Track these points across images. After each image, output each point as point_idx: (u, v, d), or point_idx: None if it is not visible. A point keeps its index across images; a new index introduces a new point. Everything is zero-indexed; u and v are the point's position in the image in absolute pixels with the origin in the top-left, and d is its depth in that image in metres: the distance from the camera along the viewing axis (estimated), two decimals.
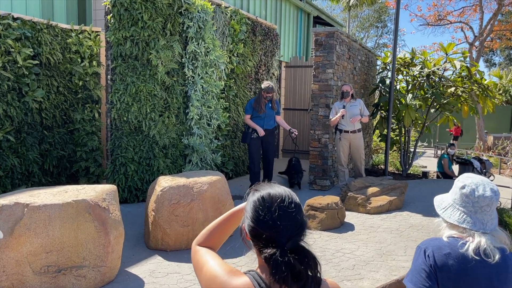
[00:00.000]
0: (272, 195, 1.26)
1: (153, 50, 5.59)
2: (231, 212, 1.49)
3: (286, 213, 1.24)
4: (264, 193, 1.28)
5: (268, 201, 1.25)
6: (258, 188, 1.33)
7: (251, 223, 1.25)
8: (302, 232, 1.26)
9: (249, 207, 1.28)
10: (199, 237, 1.50)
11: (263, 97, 6.19)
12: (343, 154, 6.79)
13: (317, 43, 6.75)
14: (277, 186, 1.34)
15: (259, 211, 1.23)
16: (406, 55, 8.67)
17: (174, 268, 3.58)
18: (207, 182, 4.17)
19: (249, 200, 1.31)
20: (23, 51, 5.46)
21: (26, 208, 2.93)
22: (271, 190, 1.28)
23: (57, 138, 6.05)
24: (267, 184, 1.36)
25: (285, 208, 1.24)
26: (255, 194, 1.30)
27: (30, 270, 2.92)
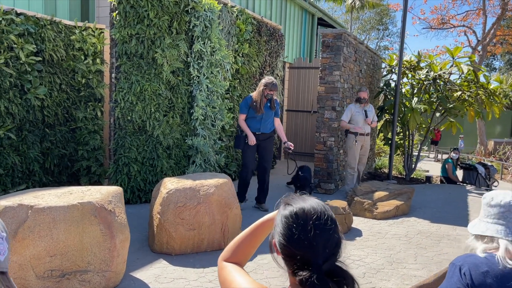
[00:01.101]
0: (306, 211, 1.16)
1: (158, 48, 5.49)
2: (258, 223, 1.40)
3: (323, 232, 1.14)
4: (297, 208, 1.17)
5: (302, 218, 1.15)
6: (290, 201, 1.23)
7: (283, 241, 1.15)
8: (339, 250, 1.17)
9: (280, 223, 1.18)
10: (225, 252, 1.41)
11: (263, 95, 5.34)
12: (355, 157, 6.71)
13: (324, 44, 6.66)
14: (310, 198, 1.24)
15: (292, 229, 1.13)
16: (412, 58, 8.59)
17: (180, 274, 3.48)
18: (213, 185, 4.08)
19: (280, 213, 1.21)
20: (26, 47, 5.35)
21: (30, 210, 2.82)
22: (304, 205, 1.18)
23: (58, 137, 5.94)
24: (299, 196, 1.26)
25: (322, 225, 1.14)
26: (286, 208, 1.20)
27: (33, 274, 2.81)
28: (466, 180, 9.03)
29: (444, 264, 3.87)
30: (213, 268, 3.62)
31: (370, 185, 6.07)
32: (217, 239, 4.04)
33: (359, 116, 6.59)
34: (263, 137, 5.51)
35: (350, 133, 6.61)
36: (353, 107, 6.54)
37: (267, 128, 5.54)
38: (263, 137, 5.51)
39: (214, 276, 3.47)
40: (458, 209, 6.02)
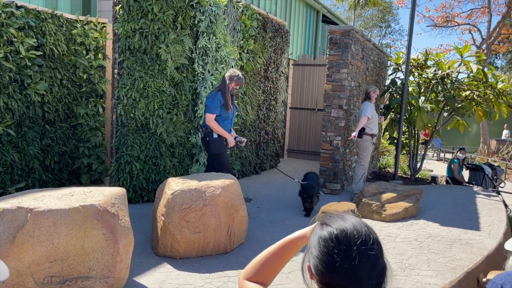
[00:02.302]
0: (349, 234, 1.01)
1: (162, 44, 5.33)
2: (287, 241, 1.25)
3: (368, 258, 0.99)
4: (338, 230, 1.02)
5: (344, 242, 0.99)
6: (328, 220, 1.08)
7: (322, 268, 1.00)
8: (385, 280, 1.02)
9: (317, 245, 1.03)
10: (248, 270, 1.26)
11: (228, 90, 4.84)
12: (369, 158, 6.60)
13: (331, 41, 6.50)
14: (349, 217, 1.09)
15: (333, 255, 0.98)
16: (419, 56, 8.43)
17: (185, 279, 3.35)
18: (220, 186, 3.93)
19: (316, 234, 1.07)
20: (26, 41, 5.19)
21: (30, 213, 2.68)
22: (345, 225, 1.03)
23: (59, 133, 5.79)
24: (337, 214, 1.12)
25: (367, 251, 0.99)
26: (324, 229, 1.05)
27: (32, 281, 2.68)
28: (473, 181, 8.90)
29: (459, 271, 3.74)
30: (219, 274, 3.49)
31: (378, 186, 5.93)
32: (223, 243, 3.91)
33: (376, 115, 6.48)
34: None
35: (367, 134, 6.43)
36: (372, 106, 6.39)
37: (231, 127, 5.15)
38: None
39: (221, 282, 3.34)
40: (467, 211, 5.88)
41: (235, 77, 4.84)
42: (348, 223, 1.04)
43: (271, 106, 8.21)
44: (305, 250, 1.12)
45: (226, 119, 4.93)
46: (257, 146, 7.87)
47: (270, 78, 8.00)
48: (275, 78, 8.20)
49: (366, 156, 6.54)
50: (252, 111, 7.50)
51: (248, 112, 7.35)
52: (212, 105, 4.80)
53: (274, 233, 4.63)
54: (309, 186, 5.57)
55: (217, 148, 4.90)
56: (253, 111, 7.53)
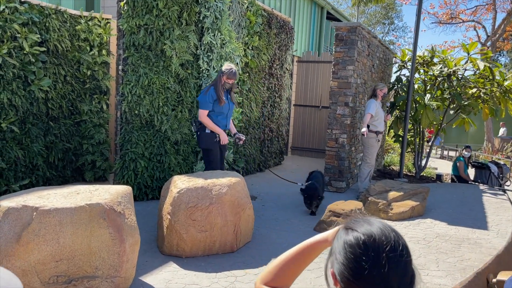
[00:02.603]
0: (377, 240, 0.95)
1: (167, 40, 5.27)
2: (307, 244, 1.20)
3: (398, 265, 0.94)
4: (365, 235, 0.96)
5: (373, 248, 0.94)
6: (352, 224, 1.03)
7: (348, 275, 0.94)
8: (414, 287, 0.97)
9: (342, 251, 0.98)
10: (266, 275, 1.21)
11: (220, 83, 4.75)
12: (374, 156, 6.54)
13: (337, 38, 6.43)
14: (375, 220, 1.04)
15: (361, 262, 0.93)
16: (425, 53, 8.35)
17: (191, 279, 3.30)
18: (226, 184, 3.89)
19: (340, 239, 1.01)
20: (30, 37, 5.14)
21: (35, 212, 2.64)
22: (373, 230, 0.98)
23: (63, 130, 5.75)
24: (362, 218, 1.06)
25: (397, 258, 0.94)
26: (349, 234, 0.99)
27: (38, 281, 2.63)
28: (478, 179, 8.83)
29: (468, 271, 3.69)
30: (225, 273, 3.44)
31: (384, 185, 5.87)
32: (229, 241, 3.86)
33: (381, 112, 6.41)
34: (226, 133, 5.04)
35: (371, 131, 6.37)
36: (378, 104, 6.33)
37: (228, 124, 5.06)
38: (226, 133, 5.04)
39: (228, 282, 3.29)
40: (474, 210, 5.82)
41: (227, 70, 4.74)
42: (375, 227, 0.99)
43: (275, 103, 8.16)
44: (328, 254, 1.07)
45: (220, 114, 4.83)
46: (261, 143, 7.82)
47: (274, 75, 7.94)
48: (279, 75, 8.14)
49: (371, 154, 6.48)
50: (257, 108, 7.45)
51: (252, 109, 7.29)
52: (203, 100, 4.73)
53: (280, 232, 4.58)
54: (310, 187, 5.37)
55: (207, 143, 4.83)
56: (257, 108, 7.47)
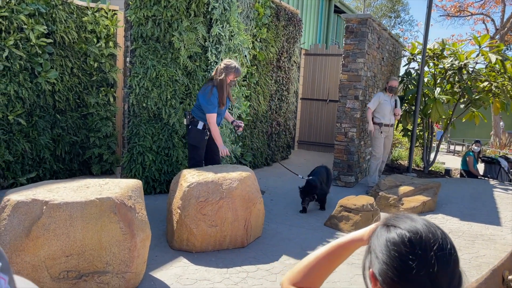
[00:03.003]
0: (424, 238, 0.88)
1: (175, 31, 5.19)
2: (338, 244, 1.13)
3: (447, 266, 0.87)
4: (409, 232, 0.89)
5: (420, 247, 0.87)
6: (393, 221, 0.95)
7: (393, 276, 0.87)
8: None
9: (384, 249, 0.90)
10: (294, 275, 1.14)
11: (226, 83, 4.33)
12: (381, 147, 6.52)
13: (348, 30, 6.32)
14: (417, 217, 0.97)
15: (408, 261, 0.86)
16: (436, 46, 8.22)
17: (202, 274, 3.25)
18: (237, 178, 3.82)
19: (381, 237, 0.94)
20: (36, 28, 5.07)
21: (45, 206, 2.58)
22: (418, 228, 0.91)
23: (70, 123, 5.70)
24: (403, 214, 0.99)
25: (447, 257, 0.87)
26: (392, 231, 0.92)
27: (48, 276, 2.58)
28: (488, 174, 8.72)
29: (484, 268, 3.61)
30: (237, 269, 3.38)
31: (394, 179, 5.79)
32: (240, 236, 3.80)
33: (387, 106, 6.36)
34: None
35: (375, 123, 6.41)
36: (382, 96, 6.32)
37: (221, 121, 4.74)
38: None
39: (239, 277, 3.24)
40: (486, 206, 5.73)
41: (233, 68, 4.29)
42: (420, 224, 0.92)
43: (283, 97, 8.06)
44: (365, 254, 1.00)
45: (218, 115, 4.48)
46: (268, 137, 7.74)
47: (282, 68, 7.84)
48: (287, 68, 8.04)
49: (377, 146, 6.51)
50: (264, 102, 7.36)
51: (260, 102, 7.21)
52: (210, 103, 4.29)
53: (291, 227, 4.52)
54: (308, 182, 4.99)
55: (197, 140, 4.52)
56: (265, 102, 7.39)
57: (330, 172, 5.58)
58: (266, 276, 3.30)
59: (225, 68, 4.29)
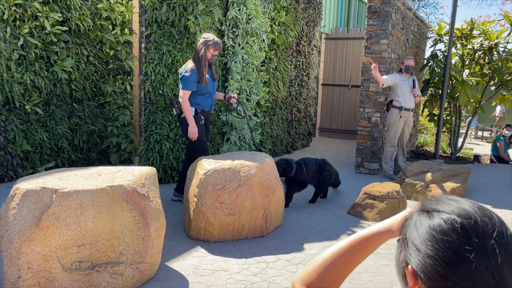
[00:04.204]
0: (481, 223, 0.70)
1: (191, 15, 5.03)
2: (362, 237, 0.94)
3: (510, 256, 0.69)
4: (460, 216, 0.71)
5: (477, 234, 0.68)
6: (434, 205, 0.77)
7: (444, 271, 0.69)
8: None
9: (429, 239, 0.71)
10: (307, 274, 0.96)
11: (205, 58, 4.10)
12: (397, 135, 6.13)
13: (370, 10, 6.04)
14: (463, 199, 0.78)
15: (463, 253, 0.67)
16: (464, 26, 7.81)
17: (220, 264, 3.12)
18: (255, 165, 3.66)
19: (421, 225, 0.76)
20: (51, 15, 4.99)
21: (55, 194, 2.48)
22: (469, 210, 0.72)
23: (87, 112, 5.64)
24: (444, 196, 0.81)
25: (509, 246, 0.69)
26: (435, 217, 0.74)
27: (60, 267, 2.50)
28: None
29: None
30: (256, 259, 3.25)
31: (421, 165, 5.53)
32: (259, 226, 3.66)
33: (405, 86, 5.98)
34: (210, 114, 4.49)
35: (394, 107, 6.03)
36: (399, 77, 5.96)
37: (213, 103, 4.51)
38: (210, 114, 4.49)
39: (258, 268, 3.10)
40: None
41: (211, 41, 4.06)
42: (469, 206, 0.73)
43: (303, 82, 7.84)
44: (398, 249, 0.82)
45: (204, 94, 4.23)
46: (288, 124, 7.55)
47: (302, 52, 7.61)
48: (307, 52, 7.80)
49: (393, 131, 6.08)
50: (284, 88, 7.16)
51: (279, 88, 7.01)
52: (188, 79, 4.07)
53: (313, 215, 4.35)
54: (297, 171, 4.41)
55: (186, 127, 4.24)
56: (284, 88, 7.19)
57: (328, 168, 4.85)
58: (287, 266, 3.15)
59: (204, 43, 4.10)
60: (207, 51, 4.09)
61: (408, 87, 6.04)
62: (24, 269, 2.42)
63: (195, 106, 4.26)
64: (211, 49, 4.09)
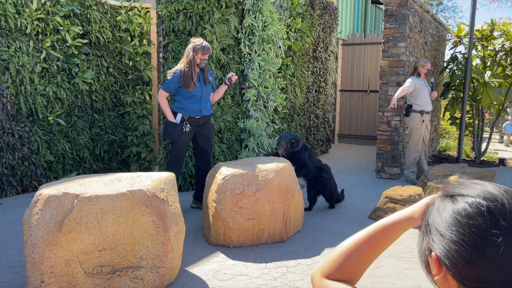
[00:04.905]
0: (508, 206, 0.67)
1: (207, 24, 5.09)
2: (383, 225, 0.91)
3: None
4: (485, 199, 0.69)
5: (504, 217, 0.66)
6: (456, 190, 0.75)
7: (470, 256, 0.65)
8: None
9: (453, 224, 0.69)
10: (327, 265, 0.93)
11: (194, 63, 4.08)
12: (420, 140, 5.95)
13: (387, 13, 5.99)
14: (487, 183, 0.76)
15: (490, 237, 0.65)
16: (484, 27, 7.67)
17: (240, 269, 3.10)
18: (273, 169, 3.65)
19: (445, 210, 0.73)
20: (72, 29, 5.14)
21: (76, 199, 2.52)
22: (494, 193, 0.70)
23: (107, 122, 5.74)
24: (467, 180, 0.78)
25: None
26: (459, 201, 0.71)
27: (82, 271, 2.53)
28: None
29: None
30: (276, 263, 3.22)
31: (444, 169, 5.40)
32: (278, 230, 3.63)
33: (424, 90, 5.85)
34: (203, 120, 4.32)
35: (415, 111, 5.88)
36: (417, 80, 5.83)
37: (208, 109, 4.34)
38: (203, 120, 4.32)
39: (279, 272, 3.06)
40: None
41: (199, 46, 4.04)
42: (494, 189, 0.71)
43: (320, 88, 7.81)
44: (420, 236, 0.79)
45: (191, 97, 4.17)
46: (307, 130, 7.52)
47: (319, 58, 7.60)
48: (324, 58, 7.78)
49: (415, 139, 5.89)
50: (301, 94, 7.15)
51: (297, 94, 7.00)
52: (168, 81, 4.14)
53: (333, 220, 4.29)
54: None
55: (168, 134, 4.20)
56: (302, 94, 7.17)
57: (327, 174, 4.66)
58: (308, 271, 3.11)
59: (192, 47, 4.09)
60: (195, 56, 4.07)
61: (427, 89, 5.93)
62: (47, 274, 2.46)
63: (181, 111, 4.20)
64: (199, 53, 4.06)
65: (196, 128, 4.28)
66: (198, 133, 4.35)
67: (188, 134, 4.22)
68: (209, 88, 4.31)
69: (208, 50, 4.11)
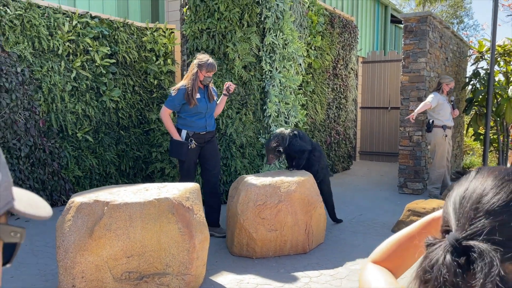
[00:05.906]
0: None
1: (229, 42, 5.25)
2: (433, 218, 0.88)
3: None
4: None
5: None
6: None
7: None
8: None
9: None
10: (378, 252, 0.95)
11: (197, 80, 3.99)
12: (444, 155, 5.87)
13: (406, 30, 6.06)
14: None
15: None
16: (506, 42, 7.64)
17: (263, 279, 3.13)
18: (295, 181, 3.70)
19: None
20: (100, 49, 5.38)
21: (106, 207, 2.63)
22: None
23: (133, 139, 5.92)
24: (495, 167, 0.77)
25: None
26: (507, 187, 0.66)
27: (111, 276, 2.61)
28: None
29: None
30: (299, 274, 3.23)
31: None
32: (301, 242, 3.65)
33: (446, 105, 5.83)
34: (209, 136, 4.22)
35: (437, 126, 5.84)
36: (440, 96, 5.82)
37: (212, 124, 4.26)
38: (209, 136, 4.22)
39: (302, 282, 3.08)
40: None
41: (205, 63, 3.95)
42: None
43: (341, 105, 7.86)
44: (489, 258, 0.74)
45: (196, 114, 4.08)
46: (328, 147, 7.54)
47: (339, 75, 7.67)
48: (344, 75, 7.86)
49: (439, 155, 5.80)
50: (322, 110, 7.21)
51: (317, 111, 7.07)
52: (172, 98, 4.06)
53: (356, 233, 4.28)
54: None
55: (175, 153, 4.14)
56: (322, 110, 7.24)
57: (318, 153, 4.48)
58: (330, 281, 3.11)
59: (197, 64, 4.01)
60: (199, 72, 3.99)
61: (449, 106, 5.91)
62: (78, 278, 2.55)
63: (186, 128, 4.12)
64: (203, 70, 3.97)
65: (202, 144, 4.19)
66: (203, 149, 4.21)
67: (195, 150, 4.13)
68: (214, 104, 4.25)
69: (213, 68, 4.02)
